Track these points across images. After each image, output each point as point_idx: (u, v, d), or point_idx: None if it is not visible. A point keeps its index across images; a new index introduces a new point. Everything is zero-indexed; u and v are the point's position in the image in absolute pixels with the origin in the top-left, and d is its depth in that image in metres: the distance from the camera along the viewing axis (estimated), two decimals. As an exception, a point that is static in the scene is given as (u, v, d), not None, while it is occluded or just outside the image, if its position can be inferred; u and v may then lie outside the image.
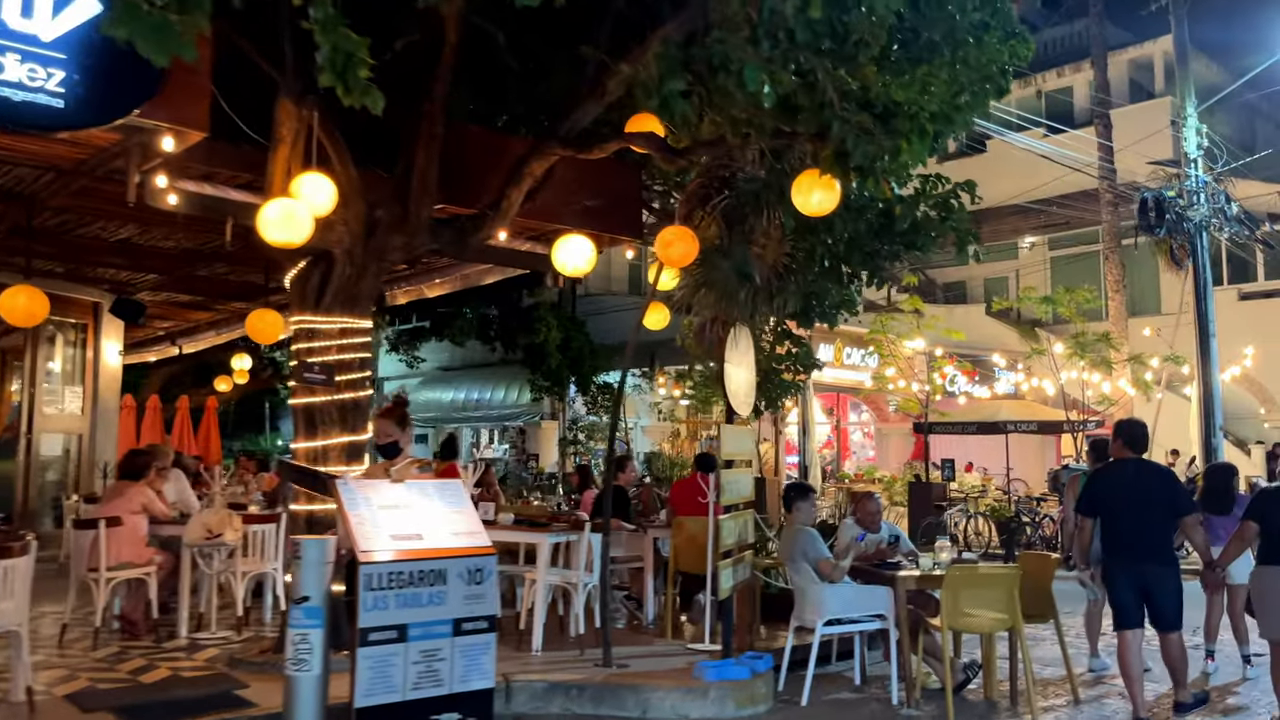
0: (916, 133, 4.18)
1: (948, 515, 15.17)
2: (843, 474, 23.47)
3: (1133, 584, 5.71)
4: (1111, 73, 23.60)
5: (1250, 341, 19.15)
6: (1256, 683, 7.26)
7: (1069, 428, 16.19)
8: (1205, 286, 13.96)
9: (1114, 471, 6.01)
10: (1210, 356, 13.88)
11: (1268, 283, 22.45)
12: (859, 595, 6.34)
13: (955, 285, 28.50)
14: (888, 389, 19.81)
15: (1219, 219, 13.97)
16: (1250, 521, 5.58)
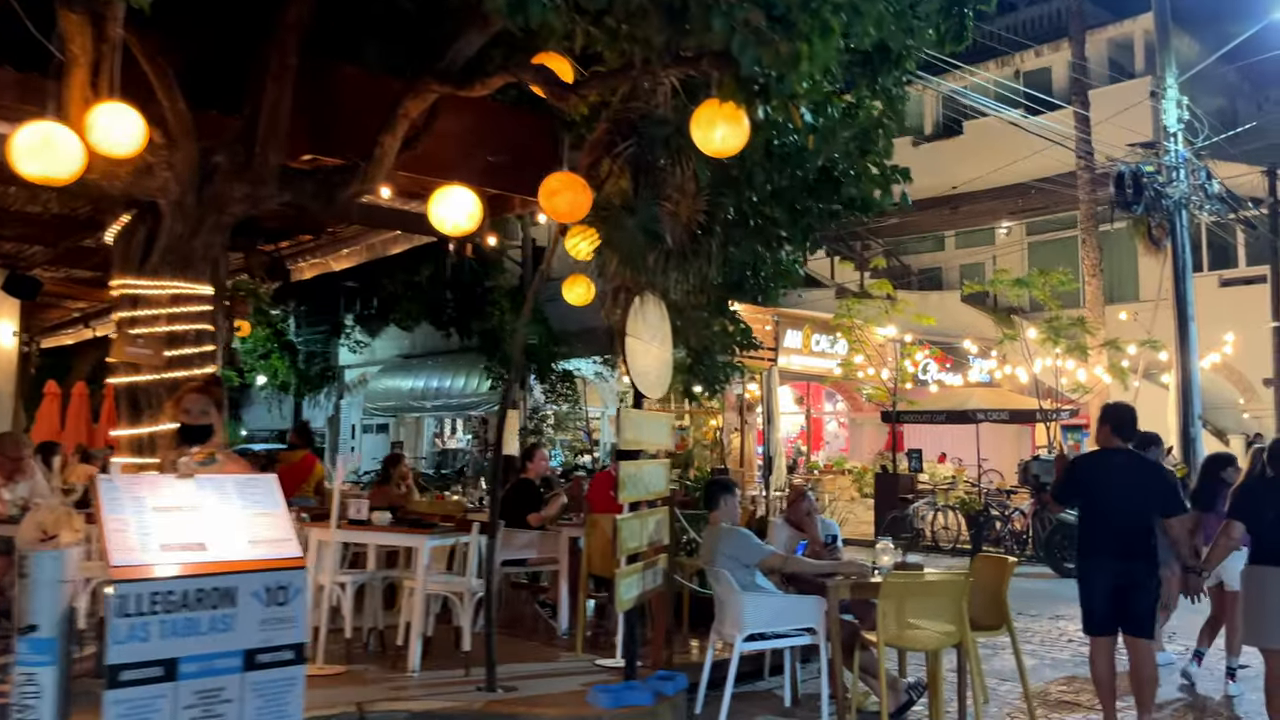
0: (818, 30, 3.34)
1: (913, 509, 14.40)
2: (813, 464, 22.74)
3: (1110, 585, 5.20)
4: (1090, 52, 22.84)
5: (1231, 329, 18.45)
6: (1240, 700, 6.54)
7: (1041, 417, 15.45)
8: (1184, 268, 13.21)
9: (1100, 460, 5.51)
10: (1189, 342, 13.14)
11: (1249, 269, 21.76)
12: (786, 606, 5.51)
13: (930, 271, 27.78)
14: (857, 376, 19.05)
15: (1199, 196, 13.22)
16: (1234, 520, 5.05)
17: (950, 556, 13.93)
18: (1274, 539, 4.88)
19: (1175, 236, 13.10)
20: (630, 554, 5.17)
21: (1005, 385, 19.47)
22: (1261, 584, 4.93)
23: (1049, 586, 11.30)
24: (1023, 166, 21.87)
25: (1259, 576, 4.95)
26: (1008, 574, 5.82)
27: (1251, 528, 4.98)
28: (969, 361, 20.83)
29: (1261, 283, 20.21)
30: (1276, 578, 4.81)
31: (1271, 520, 4.88)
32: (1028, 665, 7.20)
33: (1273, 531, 4.89)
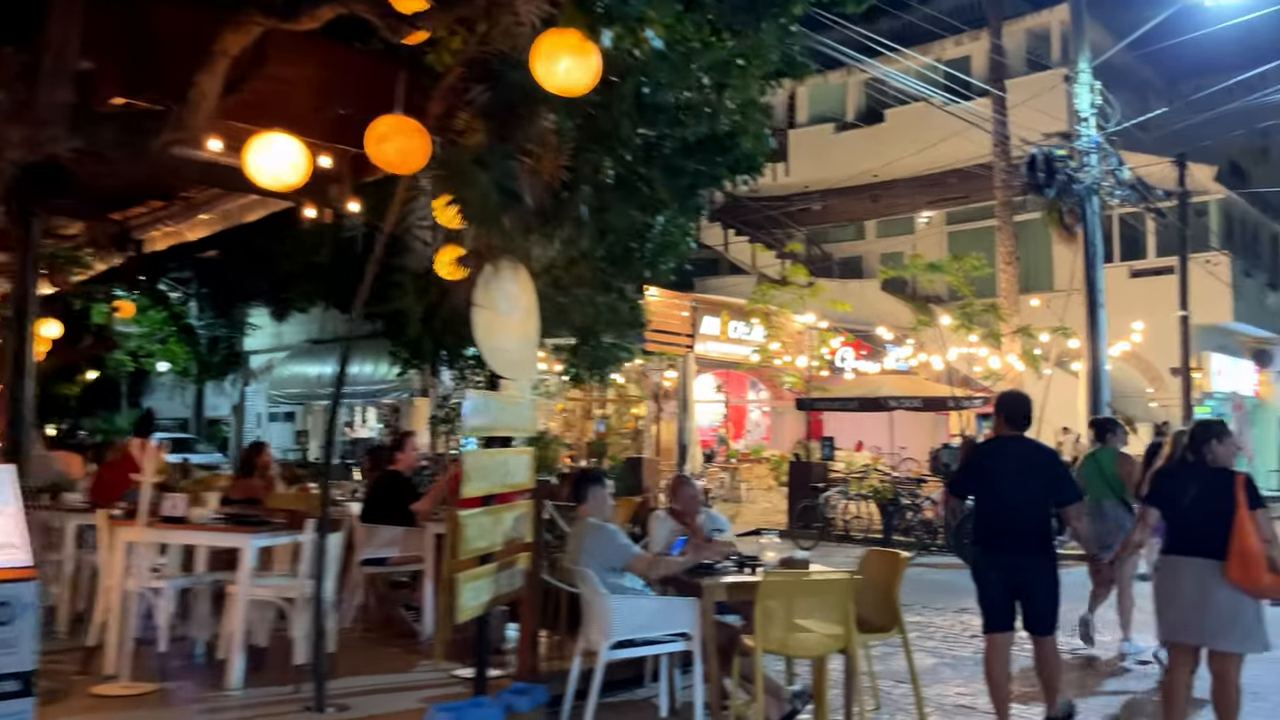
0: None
1: (824, 498, 14.07)
2: (732, 453, 22.41)
3: (1006, 579, 4.98)
4: (1008, 42, 22.85)
5: (1140, 319, 18.61)
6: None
7: (953, 404, 15.27)
8: (1095, 255, 13.09)
9: (993, 449, 5.35)
10: (1099, 328, 13.02)
11: (1158, 259, 22.05)
12: (659, 610, 4.98)
13: (852, 260, 27.69)
14: (773, 364, 18.73)
15: (1111, 182, 13.10)
16: (1150, 507, 4.80)
17: (861, 546, 13.63)
18: (1189, 528, 4.58)
19: (1086, 222, 12.97)
20: (478, 554, 4.57)
21: (922, 373, 19.37)
22: (1175, 575, 4.62)
23: (957, 578, 11.00)
24: (943, 156, 21.82)
25: (1172, 567, 4.65)
26: (900, 570, 5.37)
27: (1167, 515, 4.70)
28: (885, 349, 20.70)
29: (1170, 274, 20.45)
30: (1191, 569, 4.50)
31: (1188, 508, 4.57)
32: (928, 664, 6.85)
33: (1188, 520, 4.59)
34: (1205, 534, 4.45)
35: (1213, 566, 4.38)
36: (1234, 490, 4.44)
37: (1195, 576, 4.44)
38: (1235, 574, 4.30)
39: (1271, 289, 24.46)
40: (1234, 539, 4.32)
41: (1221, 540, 4.36)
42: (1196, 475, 4.62)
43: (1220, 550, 4.36)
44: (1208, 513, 4.47)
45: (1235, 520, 4.35)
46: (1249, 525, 4.33)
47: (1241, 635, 4.40)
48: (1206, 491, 4.52)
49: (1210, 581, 4.38)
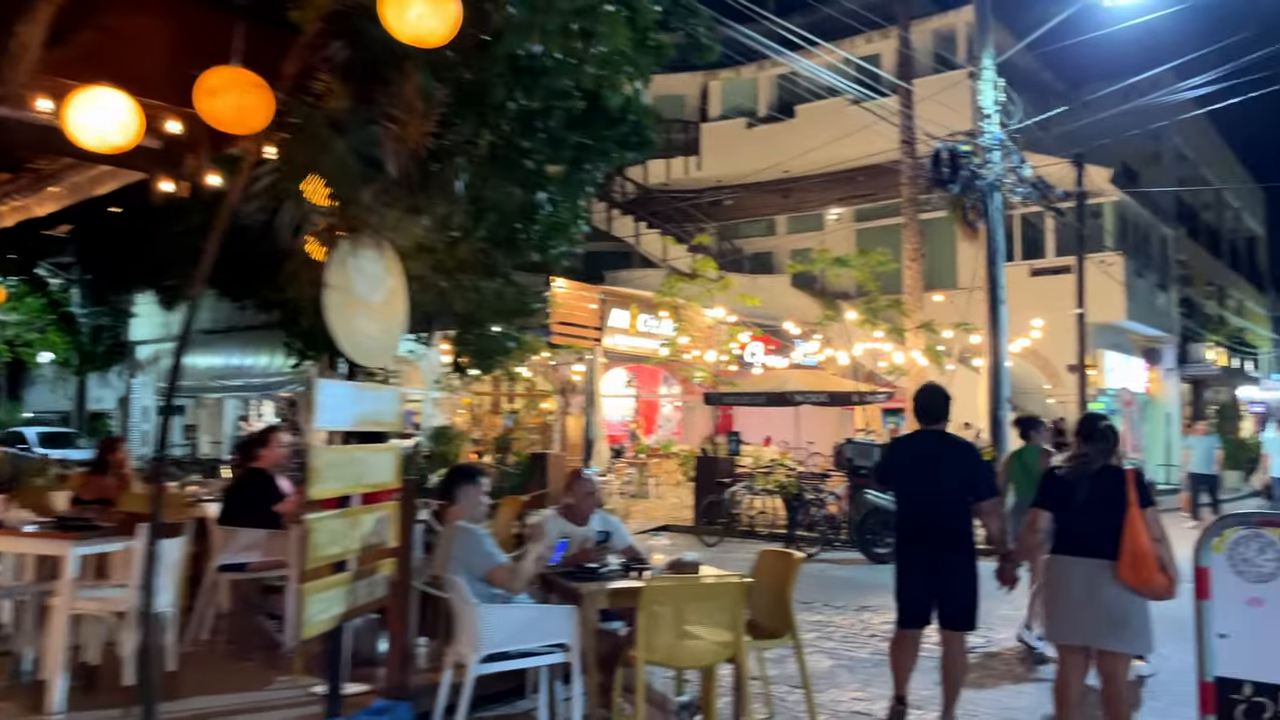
0: None
1: (729, 493, 13.89)
2: (641, 447, 22.13)
3: (925, 576, 4.99)
4: (917, 42, 23.07)
5: (1039, 317, 19.00)
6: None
7: (858, 399, 15.26)
8: (997, 251, 13.18)
9: (908, 445, 5.41)
10: (1000, 325, 13.12)
11: (1057, 259, 22.58)
12: (534, 619, 4.60)
13: (763, 255, 27.73)
14: (682, 358, 18.51)
15: (1013, 179, 13.21)
16: (1040, 510, 4.62)
17: (766, 542, 13.49)
18: (1079, 527, 4.43)
19: (989, 219, 13.04)
20: (330, 562, 4.12)
21: (830, 368, 19.41)
22: (1065, 575, 4.46)
23: (859, 574, 10.95)
24: (852, 153, 21.93)
25: (1062, 566, 4.49)
26: (793, 571, 5.11)
27: (1057, 514, 4.55)
28: (794, 344, 20.71)
29: (1068, 273, 20.93)
30: (1081, 569, 4.37)
31: (1080, 507, 4.43)
32: (824, 667, 6.64)
33: (1078, 519, 4.44)
34: (1096, 533, 4.33)
35: (1103, 566, 4.27)
36: (1125, 488, 4.33)
37: (1085, 576, 4.33)
38: (1126, 574, 4.20)
39: (1161, 289, 25.33)
40: (1125, 538, 4.21)
41: (1113, 539, 4.25)
42: (1088, 473, 4.49)
43: (1111, 549, 4.26)
44: (1099, 511, 4.35)
45: (1126, 519, 4.24)
46: (1140, 524, 4.23)
47: (1131, 636, 4.31)
48: (1098, 490, 4.39)
49: (1100, 581, 4.27)
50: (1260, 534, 3.15)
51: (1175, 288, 26.63)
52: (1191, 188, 30.12)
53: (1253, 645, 3.14)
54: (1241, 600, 3.17)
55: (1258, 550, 3.15)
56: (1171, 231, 27.23)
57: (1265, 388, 33.56)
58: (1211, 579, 3.22)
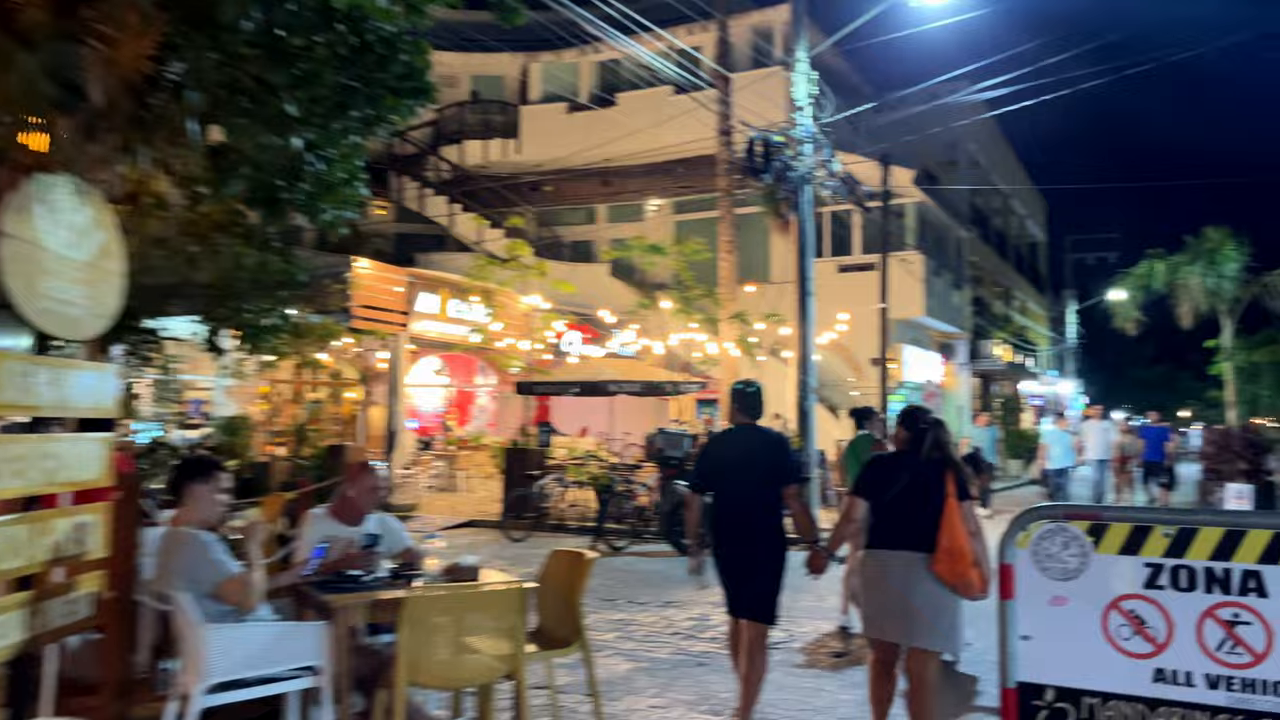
0: None
1: (539, 486, 13.38)
2: (450, 439, 21.27)
3: (737, 566, 4.94)
4: (736, 37, 23.31)
5: (845, 311, 19.58)
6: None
7: (672, 389, 15.11)
8: (807, 243, 13.27)
9: (723, 439, 5.37)
10: (809, 317, 13.23)
11: (863, 256, 23.41)
12: (275, 639, 3.92)
13: (582, 244, 27.36)
14: (495, 345, 17.82)
15: (823, 173, 13.35)
16: (856, 498, 4.56)
17: (577, 536, 13.10)
18: (894, 520, 4.34)
19: (800, 212, 13.11)
20: (7, 577, 3.31)
21: (646, 359, 19.25)
22: (880, 569, 4.36)
23: (668, 568, 10.70)
24: (672, 144, 21.88)
25: (877, 561, 4.39)
26: (585, 573, 4.65)
27: (875, 506, 4.45)
28: (611, 333, 20.43)
29: (872, 270, 21.67)
30: (897, 563, 4.27)
31: (895, 499, 4.34)
32: (622, 671, 6.24)
33: (893, 512, 4.35)
34: (913, 527, 4.23)
35: (919, 560, 4.18)
36: (944, 480, 4.24)
37: (901, 571, 4.23)
38: (942, 569, 4.11)
39: (956, 288, 26.77)
40: (942, 533, 4.13)
41: (929, 533, 4.16)
42: (907, 465, 4.39)
43: (927, 543, 4.17)
44: (917, 503, 4.25)
45: (944, 513, 4.15)
46: (957, 518, 4.16)
47: (944, 634, 4.22)
48: (917, 481, 4.30)
49: (915, 577, 4.18)
50: (1065, 528, 2.92)
51: (968, 287, 28.24)
52: (983, 186, 32.06)
53: (1055, 647, 2.92)
54: (1045, 599, 2.95)
55: (1062, 545, 2.93)
56: (966, 234, 28.86)
57: (1044, 382, 36.34)
58: (1015, 576, 2.98)
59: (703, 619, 7.80)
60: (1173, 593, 2.80)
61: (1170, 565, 2.80)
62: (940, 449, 4.41)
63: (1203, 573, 2.76)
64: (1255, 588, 2.69)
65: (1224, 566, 2.73)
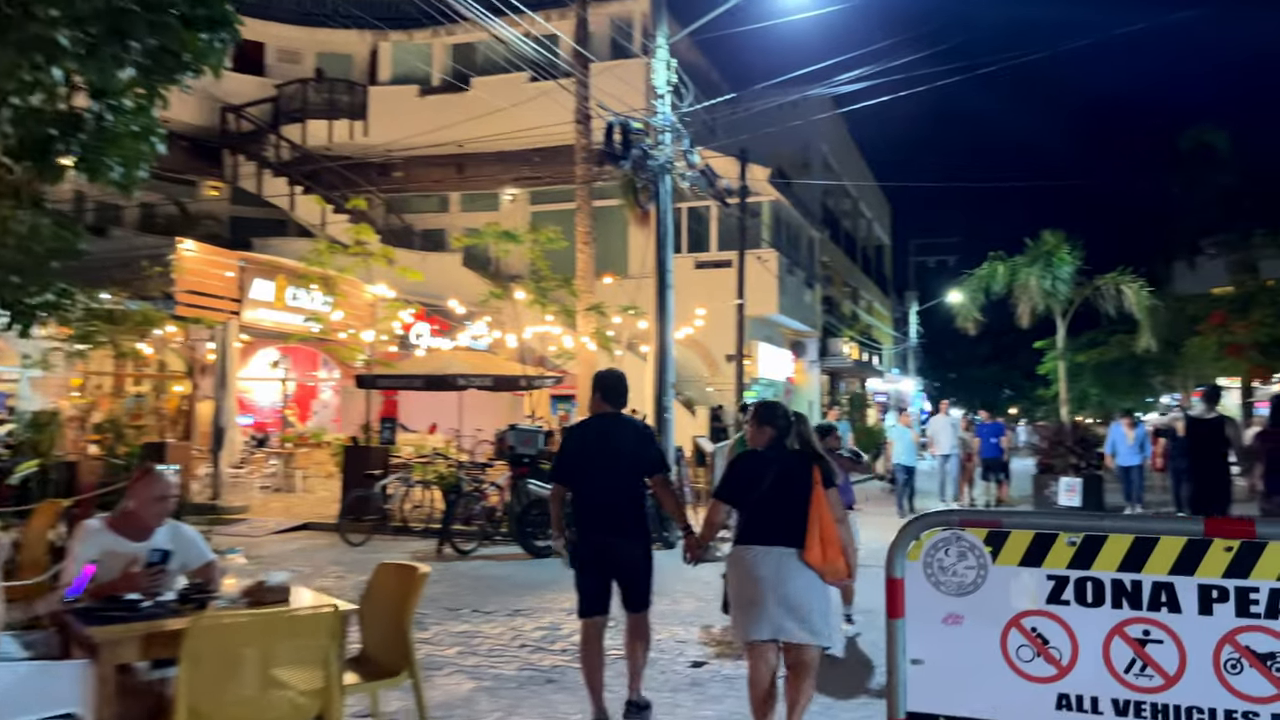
0: None
1: (380, 486, 12.55)
2: (287, 436, 19.94)
3: (602, 560, 4.86)
4: (596, 26, 22.87)
5: (702, 308, 19.45)
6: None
7: (525, 383, 14.52)
8: (666, 234, 12.96)
9: (586, 428, 5.23)
10: (667, 310, 12.92)
11: (720, 253, 23.44)
12: (18, 682, 3.18)
13: (434, 233, 26.30)
14: (337, 336, 16.74)
15: (683, 163, 13.06)
16: (718, 501, 4.49)
17: (421, 539, 12.36)
18: (763, 516, 4.27)
19: (659, 202, 12.77)
20: None
21: (500, 352, 18.57)
22: (753, 567, 4.22)
23: (518, 572, 10.14)
24: (529, 132, 21.25)
25: (749, 560, 4.25)
26: (415, 590, 4.06)
27: (741, 505, 4.37)
28: (464, 325, 19.63)
29: (728, 266, 21.73)
30: (770, 559, 4.18)
31: (763, 496, 4.27)
32: (463, 692, 5.65)
33: (761, 508, 4.27)
34: (783, 522, 4.18)
35: (791, 554, 4.14)
36: (810, 472, 4.21)
37: (773, 566, 4.16)
38: (815, 557, 4.10)
39: (808, 287, 27.23)
40: (812, 522, 4.12)
41: (799, 527, 4.13)
42: (773, 460, 4.32)
43: (798, 538, 4.13)
44: (785, 497, 4.20)
45: (812, 503, 4.14)
46: (825, 506, 4.16)
47: (820, 625, 4.21)
48: (783, 477, 4.24)
49: (788, 570, 4.14)
50: (961, 536, 2.57)
51: (819, 286, 28.80)
52: (832, 182, 32.85)
53: (950, 672, 2.57)
54: (938, 618, 2.59)
55: (957, 556, 2.58)
56: (818, 234, 29.43)
57: (887, 380, 37.63)
58: (905, 592, 2.60)
59: (553, 629, 7.29)
60: (1078, 608, 2.49)
61: (1075, 577, 2.49)
62: (804, 442, 4.44)
63: (1110, 585, 2.46)
64: (1167, 601, 2.41)
65: (1133, 578, 2.44)
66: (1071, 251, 18.94)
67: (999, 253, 19.72)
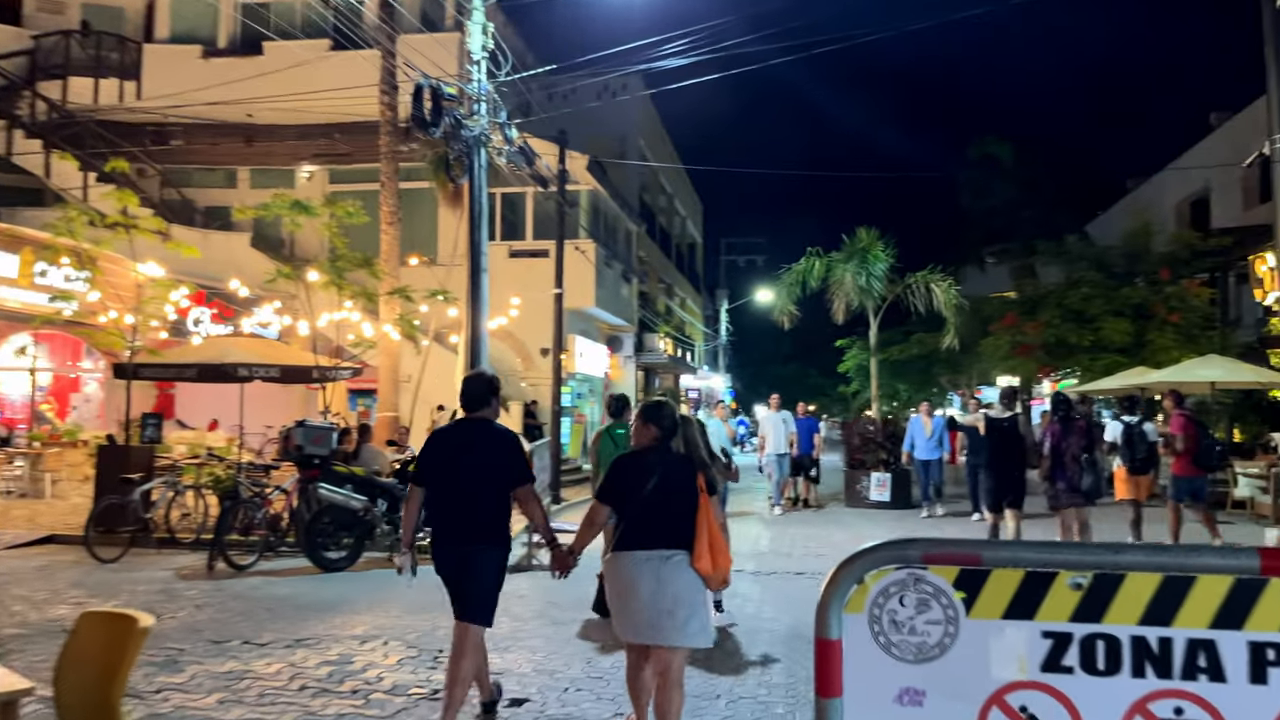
0: None
1: (141, 492, 10.79)
2: (35, 435, 17.33)
3: (450, 569, 4.75)
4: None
5: (517, 299, 18.44)
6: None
7: (319, 375, 13.04)
8: (480, 213, 11.88)
9: (448, 435, 5.05)
10: (480, 294, 11.85)
11: (536, 242, 22.50)
12: None
13: (220, 210, 23.86)
14: (96, 319, 14.54)
15: (499, 137, 12.02)
16: (600, 504, 4.36)
17: (191, 552, 10.74)
18: (647, 519, 4.17)
19: (473, 177, 11.69)
20: None
21: (293, 341, 16.83)
22: (635, 571, 4.14)
23: (305, 589, 8.83)
24: (330, 105, 19.53)
25: (631, 564, 4.17)
26: (132, 650, 2.92)
27: (624, 507, 4.26)
28: (250, 310, 17.70)
29: (545, 256, 20.84)
30: (653, 564, 4.12)
31: (646, 499, 4.18)
32: (219, 757, 4.49)
33: (645, 511, 4.17)
34: (668, 525, 4.14)
35: (675, 558, 4.12)
36: (694, 475, 4.20)
37: (659, 571, 4.11)
38: (704, 567, 4.11)
39: (625, 281, 26.72)
40: (700, 528, 4.11)
41: (685, 530, 4.12)
42: (658, 462, 4.22)
43: (684, 540, 4.12)
44: (669, 502, 4.16)
45: (699, 509, 4.12)
46: (711, 513, 4.16)
47: (698, 628, 4.19)
48: (668, 479, 4.18)
49: (671, 575, 4.11)
50: (922, 577, 1.80)
51: (636, 280, 28.38)
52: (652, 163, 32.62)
53: (907, 774, 1.79)
54: (890, 695, 1.81)
55: (917, 605, 1.82)
56: (635, 227, 29.01)
57: (700, 376, 37.86)
58: (843, 659, 1.81)
59: (343, 663, 6.14)
60: (1085, 678, 1.77)
61: (1081, 635, 1.77)
62: (689, 446, 4.39)
63: (1130, 644, 1.76)
64: (1207, 667, 1.72)
65: (1161, 634, 1.74)
66: (885, 249, 19.28)
67: (816, 248, 19.85)
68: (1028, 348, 20.18)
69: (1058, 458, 9.34)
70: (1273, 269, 18.19)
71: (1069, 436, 9.40)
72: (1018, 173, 30.00)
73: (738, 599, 7.92)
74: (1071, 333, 19.34)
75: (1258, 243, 19.15)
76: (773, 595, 8.52)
